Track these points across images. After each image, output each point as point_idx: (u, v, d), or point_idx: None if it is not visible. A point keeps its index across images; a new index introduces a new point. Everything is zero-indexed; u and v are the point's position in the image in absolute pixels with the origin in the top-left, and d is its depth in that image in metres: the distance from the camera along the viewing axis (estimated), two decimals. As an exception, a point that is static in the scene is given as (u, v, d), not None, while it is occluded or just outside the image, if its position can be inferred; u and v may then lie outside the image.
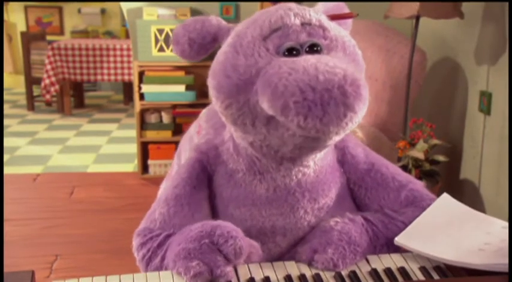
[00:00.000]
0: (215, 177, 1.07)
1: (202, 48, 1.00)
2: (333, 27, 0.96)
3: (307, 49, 0.91)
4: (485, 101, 2.33)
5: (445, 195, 1.11)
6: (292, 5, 0.97)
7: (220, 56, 0.95)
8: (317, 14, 0.96)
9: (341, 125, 0.82)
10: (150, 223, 1.03)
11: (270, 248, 1.04)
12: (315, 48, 0.92)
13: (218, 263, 0.87)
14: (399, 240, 0.97)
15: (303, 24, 0.93)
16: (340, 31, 0.97)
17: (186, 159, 1.11)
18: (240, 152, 1.02)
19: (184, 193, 1.04)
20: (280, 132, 0.90)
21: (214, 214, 1.07)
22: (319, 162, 1.02)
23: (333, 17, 1.00)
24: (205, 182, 1.07)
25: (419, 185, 1.12)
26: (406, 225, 1.02)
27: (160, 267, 0.95)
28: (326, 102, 0.79)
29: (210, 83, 0.96)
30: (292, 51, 0.90)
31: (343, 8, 1.06)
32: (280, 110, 0.83)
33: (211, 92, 0.96)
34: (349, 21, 1.07)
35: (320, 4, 1.05)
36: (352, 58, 0.95)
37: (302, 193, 1.02)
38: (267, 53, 0.90)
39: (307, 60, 0.84)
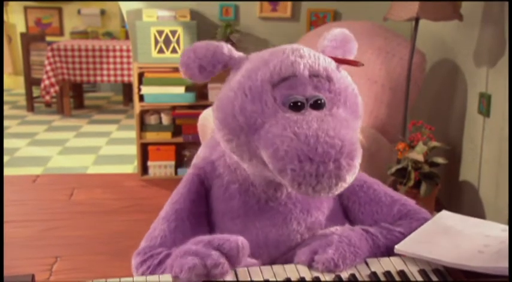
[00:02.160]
0: (212, 191, 1.12)
1: (211, 74, 1.05)
2: (338, 77, 1.02)
3: (311, 103, 0.97)
4: (485, 103, 2.33)
5: (444, 212, 1.13)
6: (303, 51, 1.01)
7: (229, 92, 1.00)
8: (325, 61, 1.02)
9: (331, 191, 0.90)
10: (150, 241, 1.04)
11: (264, 262, 1.05)
12: (319, 102, 0.98)
13: (212, 256, 0.88)
14: (399, 248, 0.98)
15: (310, 76, 0.98)
16: (344, 81, 1.03)
17: (184, 176, 1.15)
18: (238, 166, 1.08)
19: (184, 207, 1.08)
20: None
21: (211, 230, 1.10)
22: None
23: (339, 61, 1.06)
24: (203, 197, 1.12)
25: (412, 202, 1.16)
26: (404, 234, 1.05)
27: None
28: (321, 174, 0.87)
29: (215, 113, 1.01)
30: (297, 104, 0.96)
31: (350, 39, 1.12)
32: (277, 171, 0.90)
33: (215, 122, 1.01)
34: (355, 46, 1.13)
35: (327, 34, 1.11)
36: (352, 110, 1.02)
37: (293, 203, 1.08)
38: (273, 104, 0.96)
39: (310, 126, 0.90)
